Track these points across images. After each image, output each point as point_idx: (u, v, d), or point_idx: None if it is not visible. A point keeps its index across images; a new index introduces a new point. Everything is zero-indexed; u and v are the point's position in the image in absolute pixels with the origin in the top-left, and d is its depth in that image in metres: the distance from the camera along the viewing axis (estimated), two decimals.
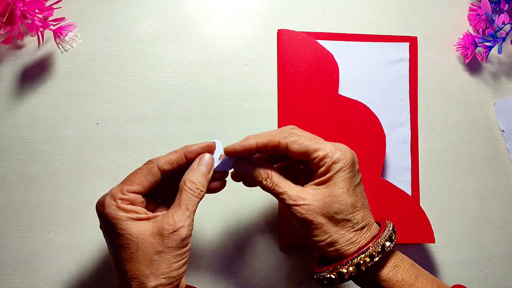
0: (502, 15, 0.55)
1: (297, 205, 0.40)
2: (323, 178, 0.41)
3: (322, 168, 0.41)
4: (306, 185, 0.42)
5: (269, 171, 0.42)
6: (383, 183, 0.54)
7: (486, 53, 0.57)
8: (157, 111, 0.53)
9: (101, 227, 0.40)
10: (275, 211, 0.53)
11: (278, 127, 0.54)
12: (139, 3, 0.54)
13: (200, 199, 0.40)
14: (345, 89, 0.55)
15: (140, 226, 0.38)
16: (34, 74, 0.51)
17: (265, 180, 0.41)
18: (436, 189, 0.57)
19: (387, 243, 0.40)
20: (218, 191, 0.44)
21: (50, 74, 0.52)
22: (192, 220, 0.39)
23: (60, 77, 0.52)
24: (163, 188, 0.42)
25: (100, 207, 0.39)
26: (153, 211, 0.42)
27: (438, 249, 0.56)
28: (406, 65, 0.57)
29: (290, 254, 0.53)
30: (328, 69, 0.55)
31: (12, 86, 0.51)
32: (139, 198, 0.40)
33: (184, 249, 0.38)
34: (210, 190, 0.43)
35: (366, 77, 0.56)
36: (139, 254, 0.37)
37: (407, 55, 0.57)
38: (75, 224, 0.51)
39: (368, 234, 0.41)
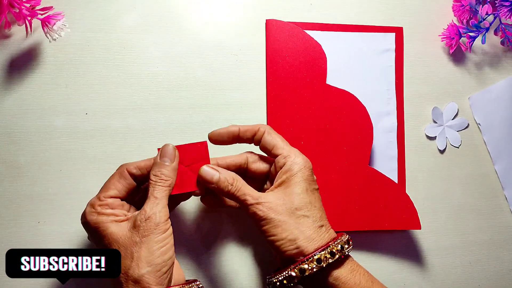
0: (486, 5, 0.56)
1: (258, 203, 0.42)
2: (284, 177, 0.44)
3: (284, 167, 0.44)
4: (267, 190, 0.45)
5: (234, 176, 0.44)
6: (371, 171, 0.55)
7: (470, 43, 0.58)
8: (146, 101, 0.53)
9: (89, 238, 0.44)
10: None
11: (267, 117, 0.54)
12: None
13: (168, 186, 0.42)
14: (332, 79, 0.56)
15: (120, 226, 0.41)
16: (21, 64, 0.51)
17: (231, 185, 0.43)
18: (422, 177, 0.58)
19: (345, 245, 0.43)
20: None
21: (38, 64, 0.51)
22: (164, 207, 0.41)
23: (48, 67, 0.51)
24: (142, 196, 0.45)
25: (83, 218, 0.42)
26: None
27: (424, 236, 0.57)
28: (392, 55, 0.58)
29: None
30: (316, 59, 0.56)
31: None
32: (117, 201, 0.43)
33: (163, 235, 0.40)
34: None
35: (353, 67, 0.57)
36: (122, 250, 0.39)
37: (393, 46, 0.58)
38: (65, 215, 0.51)
39: (327, 235, 0.43)
